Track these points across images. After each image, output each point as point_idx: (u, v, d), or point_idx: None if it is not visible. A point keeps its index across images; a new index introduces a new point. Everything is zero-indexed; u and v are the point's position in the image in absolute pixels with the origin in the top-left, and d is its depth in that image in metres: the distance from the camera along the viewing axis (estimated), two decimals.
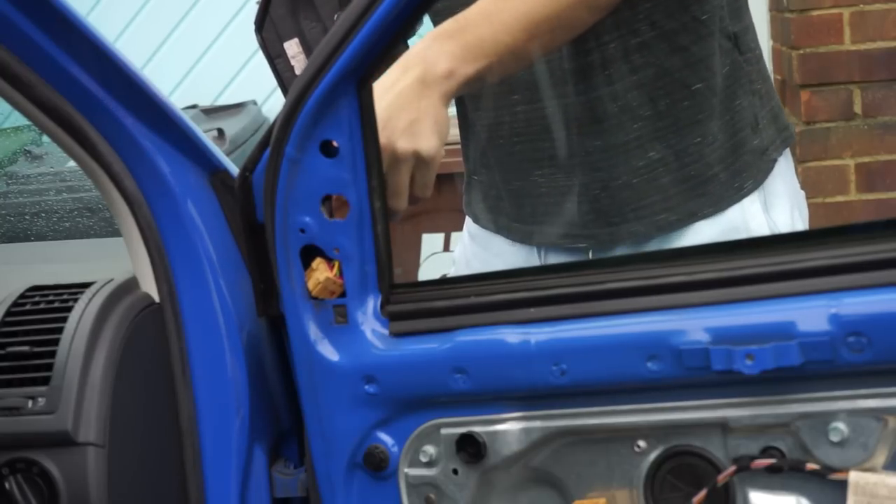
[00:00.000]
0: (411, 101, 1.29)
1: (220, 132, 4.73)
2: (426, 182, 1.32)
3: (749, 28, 1.57)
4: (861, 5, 3.34)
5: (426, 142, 1.29)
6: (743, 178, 1.53)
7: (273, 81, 1.43)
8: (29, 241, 4.24)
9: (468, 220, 1.74)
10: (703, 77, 1.51)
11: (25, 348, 1.26)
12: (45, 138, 5.14)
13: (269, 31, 1.42)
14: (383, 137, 1.26)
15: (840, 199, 3.49)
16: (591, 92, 1.50)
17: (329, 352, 1.27)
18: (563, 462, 1.24)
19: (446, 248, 3.50)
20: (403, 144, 1.29)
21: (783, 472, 1.14)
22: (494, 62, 1.29)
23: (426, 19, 1.40)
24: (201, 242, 1.29)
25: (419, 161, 1.30)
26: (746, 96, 1.55)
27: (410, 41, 1.32)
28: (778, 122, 1.60)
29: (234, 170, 1.35)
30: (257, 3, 1.41)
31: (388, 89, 1.30)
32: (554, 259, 1.62)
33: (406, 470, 1.28)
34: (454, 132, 1.55)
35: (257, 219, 1.30)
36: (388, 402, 1.27)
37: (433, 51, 1.30)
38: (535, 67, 1.48)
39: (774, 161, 1.56)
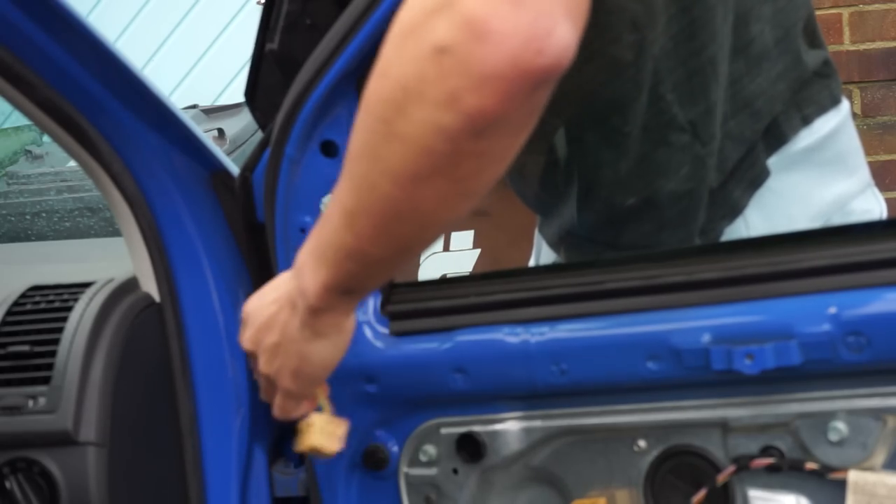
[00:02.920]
0: (277, 320, 1.08)
1: (220, 132, 4.73)
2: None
3: (714, 107, 1.28)
4: (860, 5, 3.33)
5: (284, 381, 1.10)
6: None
7: None
8: (29, 240, 4.25)
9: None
10: (646, 191, 1.31)
11: (26, 348, 1.26)
12: (46, 138, 5.15)
13: (260, 102, 1.38)
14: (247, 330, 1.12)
15: None
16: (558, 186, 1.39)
17: None
18: (562, 461, 1.24)
19: (446, 248, 3.50)
20: (263, 365, 1.11)
21: (782, 472, 1.14)
22: (347, 268, 0.98)
23: None
24: (201, 242, 1.29)
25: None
26: (703, 195, 1.31)
27: None
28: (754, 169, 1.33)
29: (235, 170, 1.35)
30: (258, 3, 1.41)
31: (275, 286, 1.12)
32: None
33: (406, 469, 1.29)
34: None
35: (257, 219, 1.31)
36: (388, 401, 1.27)
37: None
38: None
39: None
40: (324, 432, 1.13)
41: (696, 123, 1.28)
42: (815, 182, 1.33)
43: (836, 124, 1.36)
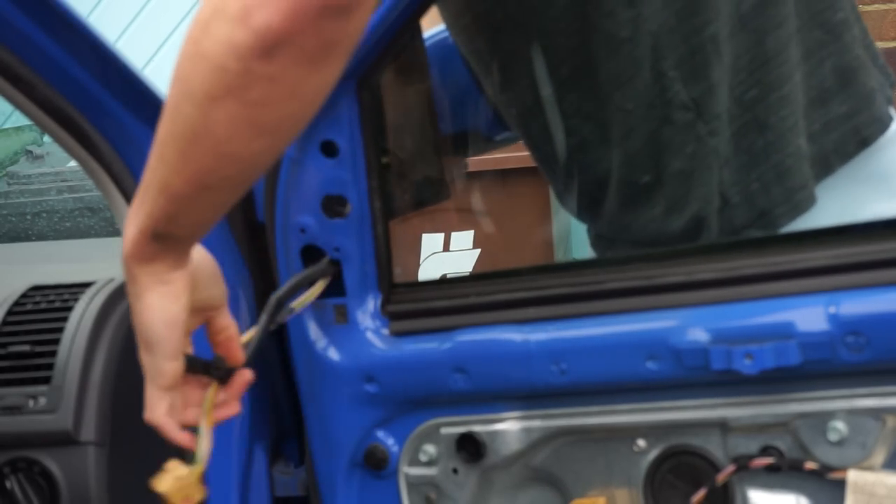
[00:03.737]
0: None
1: None
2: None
3: (717, 85, 1.27)
4: (860, 5, 3.33)
5: (140, 359, 1.04)
6: None
7: None
8: (30, 240, 4.25)
9: None
10: (650, 168, 1.30)
11: (26, 348, 1.26)
12: (47, 138, 5.15)
13: None
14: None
15: None
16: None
17: (329, 351, 1.28)
18: (562, 461, 1.24)
19: (446, 248, 3.50)
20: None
21: (782, 472, 1.14)
22: (157, 206, 0.96)
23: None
24: (201, 242, 1.29)
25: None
26: (711, 176, 1.28)
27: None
28: (788, 182, 1.28)
29: None
30: None
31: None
32: None
33: (406, 469, 1.29)
34: None
35: (257, 219, 1.31)
36: (389, 401, 1.27)
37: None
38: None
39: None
40: (176, 486, 1.05)
41: (698, 102, 1.27)
42: (856, 198, 1.31)
43: (884, 139, 1.33)
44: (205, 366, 1.07)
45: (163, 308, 1.01)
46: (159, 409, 1.04)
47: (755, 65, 1.28)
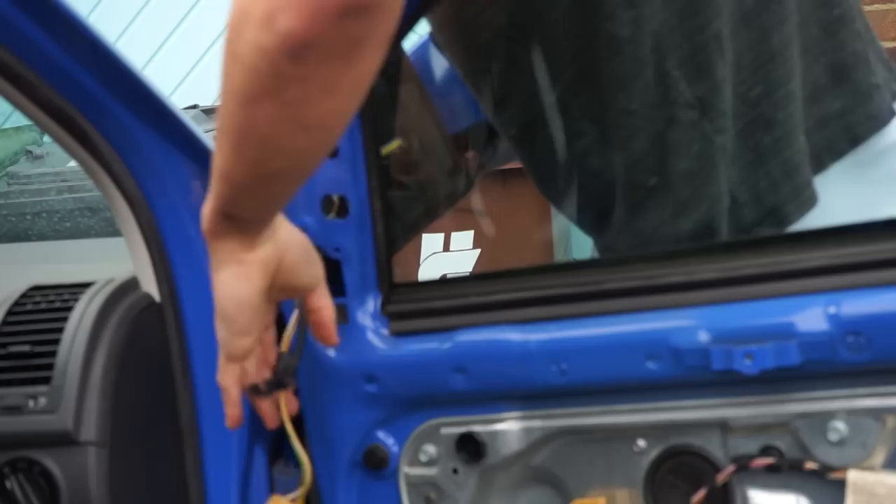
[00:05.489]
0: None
1: None
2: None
3: (722, 83, 1.26)
4: (861, 5, 3.34)
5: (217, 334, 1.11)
6: None
7: None
8: (30, 240, 4.25)
9: None
10: (656, 170, 1.28)
11: (26, 348, 1.26)
12: (47, 138, 5.15)
13: None
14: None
15: None
16: None
17: (329, 351, 1.28)
18: (562, 461, 1.24)
19: (446, 248, 3.51)
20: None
21: (782, 472, 1.14)
22: (222, 191, 1.00)
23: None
24: (202, 242, 1.29)
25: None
26: (719, 175, 1.27)
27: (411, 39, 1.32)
28: (796, 179, 1.28)
29: None
30: None
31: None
32: None
33: (406, 469, 1.29)
34: None
35: None
36: (389, 401, 1.27)
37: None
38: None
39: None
40: None
41: (703, 100, 1.26)
42: (866, 201, 1.30)
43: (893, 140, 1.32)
44: (267, 386, 1.17)
45: (234, 287, 1.07)
46: (227, 377, 1.12)
47: (759, 62, 1.28)
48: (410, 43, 1.46)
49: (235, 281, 1.06)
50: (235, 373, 1.12)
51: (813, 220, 1.27)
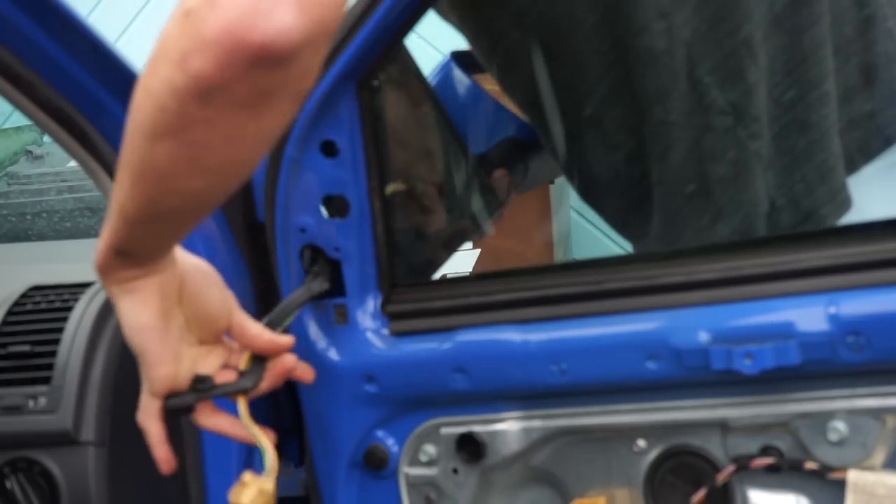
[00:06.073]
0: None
1: None
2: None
3: (754, 87, 1.25)
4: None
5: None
6: None
7: None
8: (30, 240, 4.25)
9: None
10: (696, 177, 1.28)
11: (26, 348, 1.26)
12: (47, 138, 5.14)
13: None
14: None
15: None
16: None
17: (329, 351, 1.28)
18: (562, 461, 1.24)
19: None
20: None
21: (782, 472, 1.14)
22: (117, 226, 0.98)
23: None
24: (201, 242, 1.29)
25: None
26: (755, 180, 1.27)
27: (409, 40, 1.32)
28: (832, 182, 1.27)
29: None
30: None
31: None
32: None
33: (406, 469, 1.29)
34: None
35: (257, 219, 1.31)
36: (389, 401, 1.27)
37: None
38: None
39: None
40: (260, 500, 1.07)
41: (737, 106, 1.26)
42: None
43: None
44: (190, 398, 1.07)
45: (133, 314, 1.04)
46: (145, 414, 1.07)
47: (792, 64, 1.27)
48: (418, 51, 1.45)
49: (133, 308, 1.03)
50: (153, 408, 1.07)
51: (847, 222, 1.26)
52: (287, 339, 1.11)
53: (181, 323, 1.06)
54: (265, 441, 1.09)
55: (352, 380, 1.26)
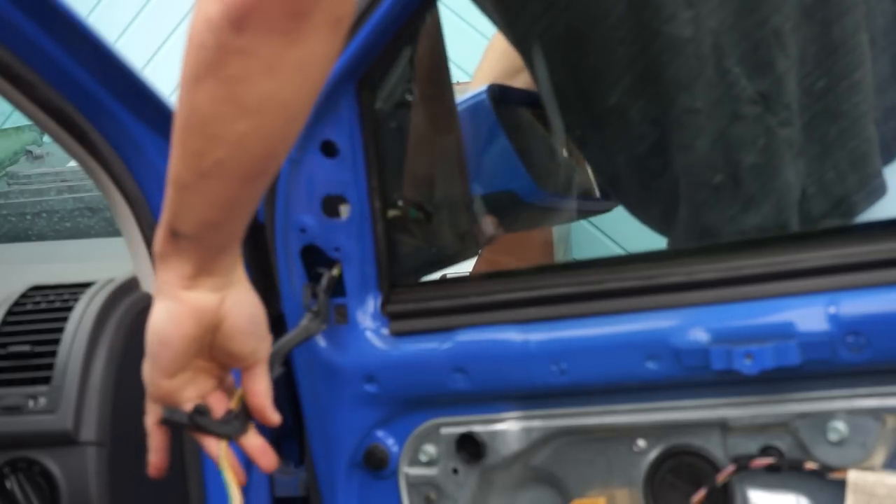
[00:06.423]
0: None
1: None
2: None
3: (784, 77, 1.26)
4: None
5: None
6: None
7: None
8: (30, 240, 4.24)
9: None
10: (721, 167, 1.27)
11: (26, 348, 1.26)
12: (47, 138, 5.14)
13: None
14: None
15: None
16: None
17: (329, 351, 1.28)
18: (562, 461, 1.24)
19: None
20: None
21: (782, 472, 1.14)
22: (172, 200, 0.99)
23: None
24: None
25: None
26: (786, 168, 1.26)
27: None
28: (864, 169, 1.27)
29: None
30: None
31: None
32: None
33: (406, 469, 1.29)
34: None
35: (257, 219, 1.31)
36: (389, 401, 1.27)
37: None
38: None
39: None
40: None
41: (766, 95, 1.26)
42: None
43: None
44: (191, 424, 1.08)
45: (161, 323, 1.03)
46: (150, 419, 1.08)
47: (823, 54, 1.27)
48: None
49: (166, 318, 1.03)
50: (158, 414, 1.07)
51: (885, 209, 1.27)
52: (275, 419, 1.11)
53: (203, 345, 1.05)
54: (234, 487, 1.10)
55: (352, 380, 1.26)
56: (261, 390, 1.10)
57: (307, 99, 0.93)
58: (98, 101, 1.22)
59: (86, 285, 1.33)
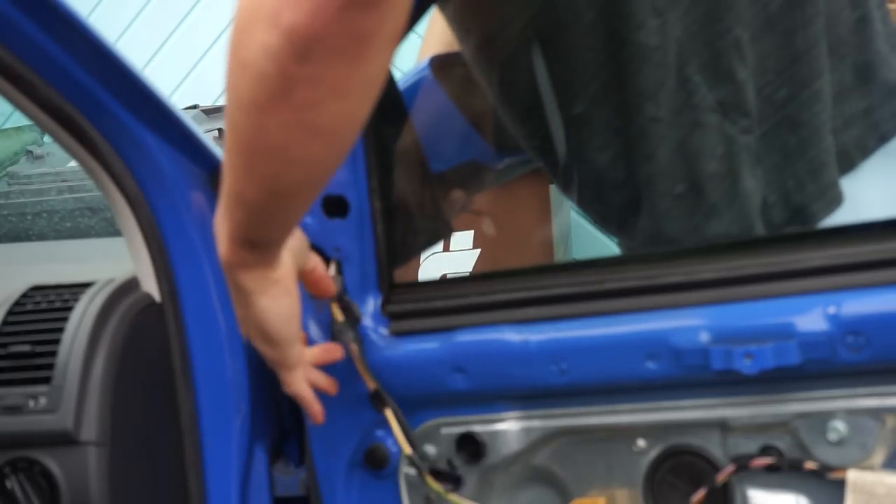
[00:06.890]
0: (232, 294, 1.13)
1: (221, 132, 4.72)
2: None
3: (744, 85, 1.26)
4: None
5: (261, 349, 1.17)
6: None
7: None
8: (30, 240, 4.24)
9: None
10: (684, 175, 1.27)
11: (27, 348, 1.26)
12: (47, 138, 5.14)
13: None
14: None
15: None
16: None
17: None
18: (562, 461, 1.24)
19: (446, 248, 3.50)
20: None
21: (782, 472, 1.14)
22: (238, 216, 1.00)
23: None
24: (202, 242, 1.29)
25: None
26: (746, 176, 1.26)
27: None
28: (822, 178, 1.27)
29: None
30: None
31: None
32: None
33: (406, 469, 1.29)
34: None
35: None
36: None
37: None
38: None
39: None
40: None
41: (724, 103, 1.26)
42: None
43: None
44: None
45: (280, 307, 1.09)
46: (295, 384, 1.19)
47: (783, 64, 1.28)
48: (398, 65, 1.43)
49: (279, 301, 1.09)
50: (300, 377, 1.19)
51: (845, 217, 1.27)
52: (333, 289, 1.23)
53: None
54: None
55: (352, 379, 1.26)
56: (317, 263, 1.19)
57: (372, 105, 0.91)
58: (98, 101, 1.22)
59: (86, 285, 1.33)
